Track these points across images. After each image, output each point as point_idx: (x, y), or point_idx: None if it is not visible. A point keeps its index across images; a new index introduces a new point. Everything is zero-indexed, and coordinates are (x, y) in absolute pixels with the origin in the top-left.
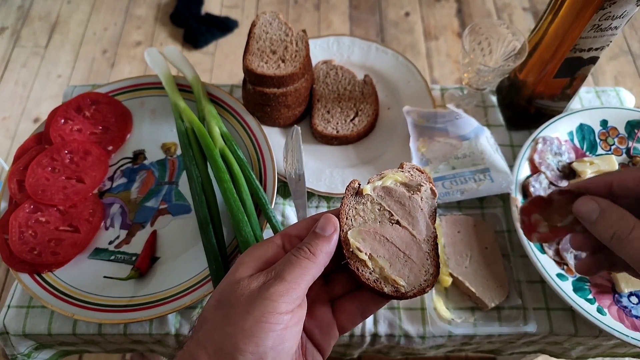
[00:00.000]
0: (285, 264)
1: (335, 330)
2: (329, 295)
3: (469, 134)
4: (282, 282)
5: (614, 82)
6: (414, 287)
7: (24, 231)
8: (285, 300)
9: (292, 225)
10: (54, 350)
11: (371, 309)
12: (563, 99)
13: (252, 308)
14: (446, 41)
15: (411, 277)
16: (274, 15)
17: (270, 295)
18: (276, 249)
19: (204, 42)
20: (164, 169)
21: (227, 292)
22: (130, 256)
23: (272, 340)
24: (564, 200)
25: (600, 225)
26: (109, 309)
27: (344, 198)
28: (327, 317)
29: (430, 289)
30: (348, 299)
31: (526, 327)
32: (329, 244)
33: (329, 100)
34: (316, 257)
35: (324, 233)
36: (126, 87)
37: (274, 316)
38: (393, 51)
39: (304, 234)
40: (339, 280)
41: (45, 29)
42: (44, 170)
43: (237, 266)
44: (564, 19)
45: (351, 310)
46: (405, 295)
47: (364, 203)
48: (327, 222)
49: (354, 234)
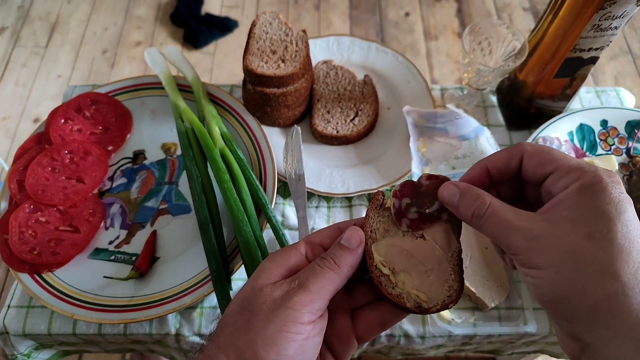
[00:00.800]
0: (310, 273)
1: (354, 341)
2: (349, 305)
3: (469, 134)
4: (305, 292)
5: (614, 82)
6: (437, 302)
7: (24, 231)
8: (308, 311)
9: (315, 232)
10: (54, 350)
11: (392, 321)
12: (563, 99)
13: (274, 316)
14: (446, 41)
15: (434, 292)
16: (274, 15)
17: (293, 304)
18: (299, 257)
19: (204, 42)
20: (164, 169)
21: (249, 297)
22: (130, 256)
23: (294, 350)
24: (432, 186)
25: (461, 207)
26: (109, 309)
27: (368, 210)
28: (346, 327)
29: (453, 305)
30: (368, 309)
31: (526, 327)
32: (354, 256)
33: (329, 100)
34: (341, 269)
35: (349, 245)
36: (126, 87)
37: (296, 326)
38: (393, 51)
39: (327, 242)
40: (361, 291)
41: (45, 29)
42: (44, 170)
43: (259, 272)
44: (564, 19)
45: (371, 321)
46: (428, 310)
47: (388, 216)
48: (353, 235)
49: (378, 248)
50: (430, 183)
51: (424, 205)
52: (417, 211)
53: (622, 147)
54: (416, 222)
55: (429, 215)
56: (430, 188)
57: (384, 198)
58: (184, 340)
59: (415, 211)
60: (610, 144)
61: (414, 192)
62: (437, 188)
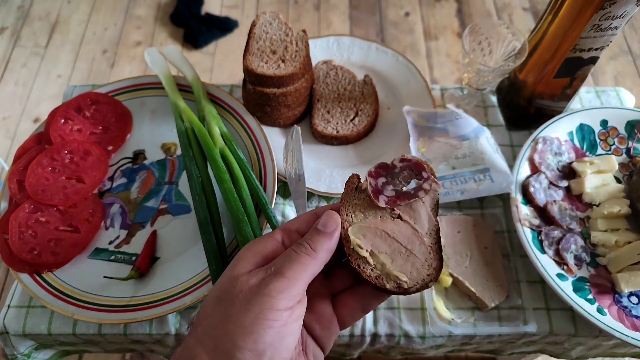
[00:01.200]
0: (285, 260)
1: (336, 326)
2: (329, 290)
3: (469, 134)
4: (281, 279)
5: (614, 82)
6: (417, 282)
7: (24, 231)
8: (284, 297)
9: (292, 219)
10: (54, 350)
11: (373, 304)
12: (563, 99)
13: (250, 304)
14: (446, 41)
15: (414, 272)
16: (274, 15)
17: (269, 291)
18: (275, 245)
19: (204, 42)
20: (164, 169)
21: (226, 288)
22: (130, 256)
23: (271, 336)
24: (405, 167)
25: None
26: (109, 309)
27: (343, 194)
28: (327, 312)
29: (433, 282)
30: (349, 293)
31: (526, 327)
32: (331, 240)
33: (329, 100)
34: (317, 253)
35: (325, 230)
36: (126, 87)
37: (272, 313)
38: (393, 51)
39: (304, 229)
40: (340, 275)
41: (45, 29)
42: (44, 170)
43: (236, 262)
44: (564, 19)
45: (352, 305)
46: (408, 290)
47: (364, 198)
48: (329, 219)
49: (355, 231)
50: (404, 165)
51: (400, 185)
52: (394, 189)
53: (622, 147)
54: (394, 198)
55: (405, 192)
56: (404, 169)
57: (359, 180)
58: None
59: (392, 189)
60: (610, 144)
61: (388, 173)
62: (411, 168)
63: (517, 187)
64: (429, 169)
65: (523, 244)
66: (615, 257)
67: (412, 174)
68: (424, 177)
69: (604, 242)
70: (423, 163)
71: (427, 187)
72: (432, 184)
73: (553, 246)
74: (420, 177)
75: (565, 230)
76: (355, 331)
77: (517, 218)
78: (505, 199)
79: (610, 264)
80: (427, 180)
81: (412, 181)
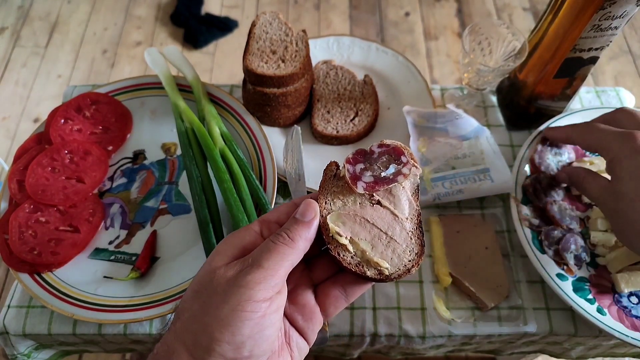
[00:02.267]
0: (263, 250)
1: (319, 316)
2: (311, 280)
3: (469, 134)
4: (259, 270)
5: (614, 82)
6: (399, 268)
7: (24, 231)
8: (262, 288)
9: (271, 210)
10: (54, 350)
11: (355, 292)
12: (563, 99)
13: (228, 296)
14: (446, 41)
15: (395, 258)
16: (274, 15)
17: (246, 283)
18: (254, 236)
19: (204, 42)
20: (164, 169)
21: (203, 281)
22: (130, 256)
23: (250, 328)
24: (384, 152)
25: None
26: (109, 309)
27: (321, 182)
28: (309, 303)
29: (415, 268)
30: (331, 283)
31: (526, 327)
32: (309, 229)
33: (329, 100)
34: (295, 243)
35: (303, 219)
36: (126, 87)
37: (250, 304)
38: (393, 51)
39: (284, 219)
40: (321, 265)
41: (45, 29)
42: (44, 170)
43: (213, 255)
44: (564, 19)
45: (334, 294)
46: (389, 277)
47: (342, 185)
48: (307, 208)
49: (333, 218)
50: (382, 150)
51: (379, 170)
52: (372, 175)
53: None
54: (372, 184)
55: (384, 178)
56: (382, 154)
57: (338, 168)
58: None
59: (370, 175)
60: None
61: (366, 158)
62: (390, 153)
63: (517, 187)
64: (408, 153)
65: (523, 244)
66: (615, 257)
67: (390, 159)
68: (403, 162)
69: (604, 242)
70: (402, 147)
71: (407, 171)
72: (412, 168)
73: (553, 246)
74: (399, 162)
75: (565, 230)
76: (355, 331)
77: (517, 218)
78: (505, 199)
79: (610, 264)
80: (407, 164)
81: (391, 166)
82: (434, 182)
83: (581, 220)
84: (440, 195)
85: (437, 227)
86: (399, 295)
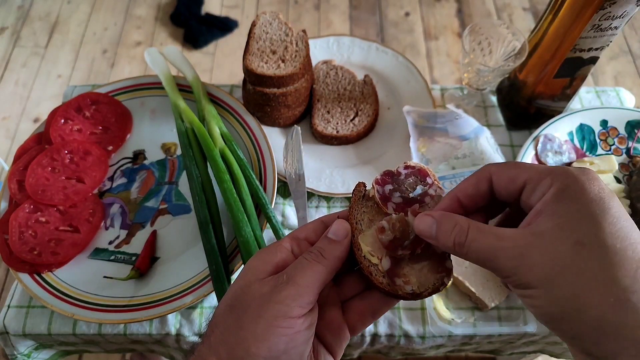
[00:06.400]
0: (298, 267)
1: (346, 332)
2: (338, 297)
3: (469, 134)
4: (294, 286)
5: (614, 82)
6: (428, 287)
7: (24, 231)
8: (297, 305)
9: (300, 228)
10: (54, 350)
11: (383, 309)
12: (563, 99)
13: (264, 312)
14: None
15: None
16: (274, 15)
17: (282, 299)
18: (285, 253)
19: (204, 42)
20: (164, 169)
21: (238, 295)
22: (130, 256)
23: (285, 344)
24: (410, 174)
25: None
26: (109, 309)
27: (351, 202)
28: (337, 319)
29: (444, 287)
30: (358, 300)
31: (526, 327)
32: (342, 248)
33: (329, 100)
34: (328, 261)
35: (336, 238)
36: (126, 87)
37: (286, 320)
38: (393, 51)
39: (313, 237)
40: (349, 282)
41: (45, 29)
42: (44, 170)
43: (246, 270)
44: (564, 19)
45: (362, 311)
46: (420, 295)
47: (371, 206)
48: (339, 227)
49: (365, 238)
50: (408, 172)
51: (407, 191)
52: (401, 196)
53: (622, 147)
54: (401, 205)
55: (412, 199)
56: (409, 175)
57: (366, 189)
58: (184, 341)
59: (399, 196)
60: (610, 144)
61: (394, 180)
62: (415, 175)
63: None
64: (432, 174)
65: None
66: None
67: (417, 181)
68: (428, 183)
69: None
70: (427, 169)
71: (433, 192)
72: (437, 190)
73: None
74: (425, 183)
75: None
76: None
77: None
78: None
79: None
80: (432, 186)
81: (418, 187)
82: None
83: None
84: None
85: None
86: None
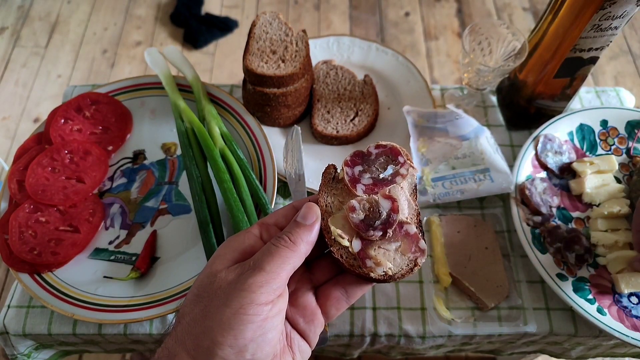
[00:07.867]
0: (265, 254)
1: (320, 318)
2: (311, 283)
3: (469, 134)
4: (260, 273)
5: (614, 82)
6: (402, 268)
7: (24, 231)
8: (264, 291)
9: (270, 214)
10: (54, 350)
11: (357, 293)
12: (563, 99)
13: (229, 300)
14: (446, 41)
15: (397, 258)
16: (274, 15)
17: (248, 286)
18: (254, 239)
19: (204, 42)
20: (164, 169)
21: (204, 284)
22: (130, 256)
23: (252, 332)
24: (381, 153)
25: None
26: (109, 309)
27: (320, 185)
28: (310, 305)
29: (418, 268)
30: (332, 284)
31: (526, 327)
32: (311, 232)
33: (329, 100)
34: (297, 246)
35: (305, 222)
36: (126, 87)
37: (252, 307)
38: (393, 51)
39: (283, 222)
40: (322, 267)
41: (45, 29)
42: (44, 170)
43: (214, 259)
44: (564, 19)
45: (336, 295)
46: (393, 277)
47: (341, 188)
48: (308, 211)
49: (335, 221)
50: (379, 151)
51: (377, 172)
52: (371, 177)
53: (622, 147)
54: (371, 186)
55: (382, 179)
56: (379, 155)
57: (336, 170)
58: None
59: (369, 177)
60: (610, 144)
61: (364, 160)
62: (387, 154)
63: (517, 187)
64: (404, 153)
65: (523, 244)
66: (615, 258)
67: (388, 160)
68: (400, 162)
69: (604, 242)
70: (399, 148)
71: (404, 172)
72: (409, 169)
73: (555, 244)
74: (396, 163)
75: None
76: (355, 331)
77: (517, 218)
78: (505, 199)
79: (610, 264)
80: (404, 165)
81: (389, 167)
82: (434, 182)
83: (581, 221)
84: (441, 195)
85: (437, 227)
86: (399, 295)
